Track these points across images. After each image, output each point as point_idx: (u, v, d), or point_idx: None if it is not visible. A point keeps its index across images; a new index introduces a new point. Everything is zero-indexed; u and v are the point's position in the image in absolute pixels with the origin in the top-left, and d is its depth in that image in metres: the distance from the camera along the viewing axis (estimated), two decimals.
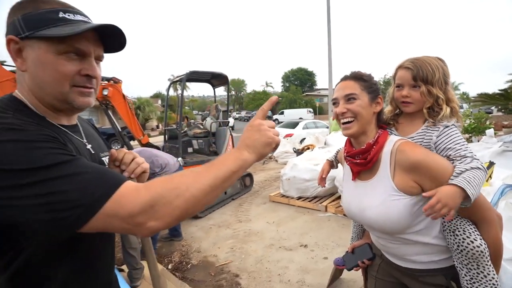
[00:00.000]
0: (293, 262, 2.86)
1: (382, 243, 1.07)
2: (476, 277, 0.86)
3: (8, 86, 2.87)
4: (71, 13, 0.62)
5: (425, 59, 0.98)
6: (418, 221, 0.93)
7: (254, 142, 0.65)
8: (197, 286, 2.58)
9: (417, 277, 1.00)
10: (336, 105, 1.02)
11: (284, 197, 4.69)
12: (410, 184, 0.91)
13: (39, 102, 0.64)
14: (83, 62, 0.63)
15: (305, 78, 55.68)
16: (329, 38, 9.68)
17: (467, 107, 16.59)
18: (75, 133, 0.71)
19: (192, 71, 4.45)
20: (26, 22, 0.59)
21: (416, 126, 1.01)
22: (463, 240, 0.87)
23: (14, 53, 0.61)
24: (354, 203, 1.06)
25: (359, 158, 1.01)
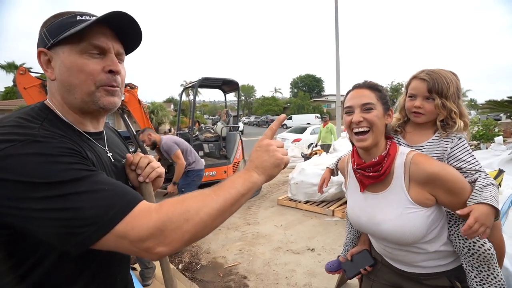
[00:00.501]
0: (300, 266, 2.89)
1: (389, 251, 1.06)
2: (486, 278, 0.89)
3: (34, 92, 3.07)
4: (86, 15, 0.65)
5: (441, 72, 0.98)
6: (430, 231, 0.94)
7: (263, 163, 0.65)
8: (206, 287, 2.63)
9: (421, 280, 1.02)
10: (350, 114, 0.98)
11: (292, 201, 4.74)
12: (425, 196, 0.91)
13: (68, 109, 0.66)
14: (105, 59, 0.65)
15: (313, 84, 55.62)
16: (337, 45, 9.72)
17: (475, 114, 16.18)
18: (99, 141, 0.73)
19: (204, 78, 4.59)
20: (49, 31, 0.63)
21: (426, 136, 1.02)
22: (473, 244, 0.90)
23: (44, 64, 0.65)
24: (365, 216, 1.04)
25: (370, 171, 0.98)
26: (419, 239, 0.93)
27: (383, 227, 0.97)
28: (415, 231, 0.92)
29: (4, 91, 25.35)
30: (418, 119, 1.02)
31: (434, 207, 0.93)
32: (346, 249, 1.35)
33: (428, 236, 0.94)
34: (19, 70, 3.18)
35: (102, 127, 0.77)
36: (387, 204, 0.97)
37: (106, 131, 0.81)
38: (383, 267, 1.14)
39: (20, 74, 3.12)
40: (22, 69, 3.18)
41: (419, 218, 0.91)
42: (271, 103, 47.07)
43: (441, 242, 0.96)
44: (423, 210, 0.92)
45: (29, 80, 3.13)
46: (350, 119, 0.97)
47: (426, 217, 0.91)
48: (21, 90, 3.11)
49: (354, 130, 0.97)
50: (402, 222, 0.93)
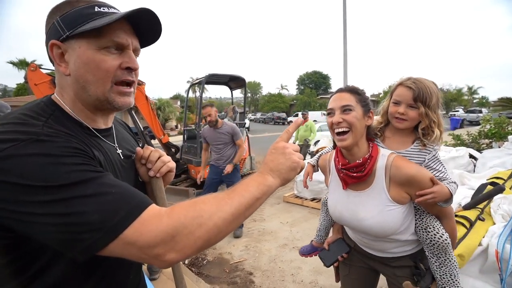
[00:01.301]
0: (306, 263, 2.89)
1: (366, 242, 1.21)
2: (443, 262, 1.06)
3: (45, 88, 3.12)
4: (105, 7, 0.61)
5: (425, 82, 1.05)
6: (403, 223, 1.08)
7: (278, 166, 0.62)
8: (212, 282, 2.65)
9: (389, 263, 1.18)
10: (331, 115, 1.07)
11: (298, 198, 4.73)
12: (403, 195, 1.05)
13: (81, 106, 0.64)
14: (123, 55, 0.63)
15: (319, 81, 55.15)
16: (345, 42, 9.59)
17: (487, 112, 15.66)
18: (108, 137, 0.71)
19: (211, 74, 4.59)
20: (65, 21, 0.58)
21: (405, 145, 1.11)
22: (434, 235, 1.05)
23: (58, 58, 0.60)
24: (347, 212, 1.15)
25: (354, 171, 1.08)
26: (396, 231, 1.07)
27: (366, 223, 1.09)
28: (393, 226, 1.06)
29: (16, 88, 25.92)
30: (400, 125, 1.09)
31: (408, 205, 1.08)
32: (319, 235, 1.47)
33: (401, 227, 1.08)
34: (30, 67, 3.24)
35: (112, 123, 0.75)
36: (369, 202, 1.08)
37: (116, 125, 0.79)
38: (356, 252, 1.29)
39: (31, 71, 3.18)
40: (33, 65, 3.24)
41: (396, 214, 1.05)
42: (278, 100, 46.91)
43: (410, 232, 1.11)
44: (399, 207, 1.05)
45: (40, 77, 3.18)
46: (331, 120, 1.06)
47: (401, 213, 1.06)
48: (32, 86, 3.17)
49: (335, 131, 1.05)
50: (382, 218, 1.06)
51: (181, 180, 4.86)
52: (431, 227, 1.07)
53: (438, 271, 1.06)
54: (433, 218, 1.09)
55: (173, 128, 24.14)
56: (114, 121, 0.78)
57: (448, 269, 1.05)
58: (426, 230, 1.07)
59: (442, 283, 1.06)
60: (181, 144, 5.18)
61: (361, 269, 1.29)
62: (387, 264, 1.19)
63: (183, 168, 4.82)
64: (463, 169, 3.71)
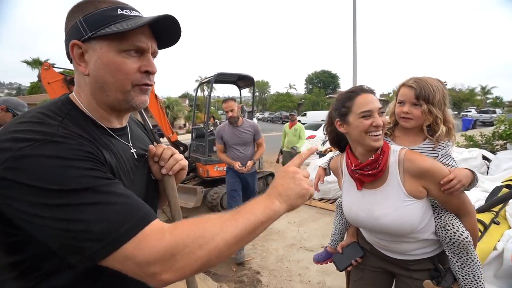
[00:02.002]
0: (313, 264, 2.87)
1: (384, 244, 1.16)
2: (465, 262, 1.01)
3: (57, 86, 3.19)
4: (127, 9, 0.62)
5: (427, 80, 1.07)
6: (422, 220, 1.04)
7: (287, 191, 0.60)
8: (220, 280, 2.67)
9: (408, 266, 1.13)
10: (368, 118, 1.01)
11: None
12: (419, 189, 1.02)
13: (96, 105, 0.64)
14: (142, 59, 0.63)
15: (328, 81, 54.64)
16: (354, 41, 9.48)
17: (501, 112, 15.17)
18: (122, 136, 0.71)
19: (219, 73, 4.60)
20: (88, 22, 0.58)
21: (416, 142, 1.11)
22: (454, 234, 1.01)
23: (77, 57, 0.61)
24: (363, 212, 1.12)
25: (368, 169, 1.06)
26: (414, 228, 1.04)
27: (383, 220, 1.06)
28: (411, 222, 1.02)
29: (29, 86, 26.61)
30: (407, 123, 1.10)
31: (426, 199, 1.05)
32: (334, 240, 1.43)
33: (421, 225, 1.04)
34: (43, 66, 3.31)
35: (126, 122, 0.75)
36: (385, 198, 1.06)
37: (131, 124, 0.79)
38: (372, 256, 1.24)
39: (44, 70, 3.25)
40: (46, 64, 3.31)
41: (414, 210, 1.02)
42: (286, 99, 46.74)
43: (431, 231, 1.07)
44: (417, 202, 1.02)
45: (53, 75, 3.25)
46: (370, 123, 1.00)
47: (419, 208, 1.03)
48: (45, 85, 3.24)
49: (373, 133, 1.01)
50: (399, 215, 1.03)
51: (189, 178, 4.90)
52: (450, 225, 1.02)
53: (460, 271, 1.02)
54: (452, 216, 1.05)
55: (181, 126, 24.34)
56: (130, 120, 0.79)
57: (471, 269, 1.00)
58: (445, 228, 1.03)
59: (465, 284, 1.01)
60: (190, 142, 5.22)
61: (375, 273, 1.24)
62: (406, 268, 1.14)
63: (191, 166, 4.86)
64: (476, 170, 3.61)
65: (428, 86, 1.05)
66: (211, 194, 4.25)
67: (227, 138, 3.16)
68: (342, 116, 1.07)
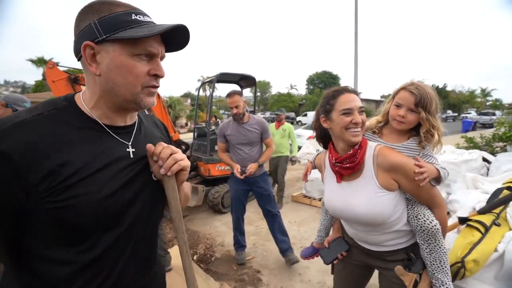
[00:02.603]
0: (314, 263, 2.88)
1: (361, 235, 1.25)
2: (433, 248, 1.09)
3: (61, 85, 3.22)
4: (141, 14, 0.64)
5: (426, 88, 1.12)
6: (395, 212, 1.13)
7: None
8: (220, 279, 2.68)
9: (384, 257, 1.22)
10: (348, 115, 1.11)
11: (306, 197, 4.72)
12: (390, 182, 1.10)
13: (102, 103, 0.66)
14: (152, 63, 0.66)
15: (329, 81, 54.50)
16: (356, 42, 9.48)
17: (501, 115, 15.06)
18: (122, 135, 0.71)
19: (222, 73, 4.61)
20: (102, 25, 0.60)
21: (401, 140, 1.19)
22: (424, 222, 1.09)
23: (89, 58, 0.62)
24: (341, 203, 1.21)
25: (347, 162, 1.15)
26: (386, 219, 1.12)
27: (357, 210, 1.15)
28: (383, 211, 1.11)
29: (34, 85, 26.73)
30: (399, 126, 1.17)
31: (397, 192, 1.12)
32: (320, 235, 1.51)
33: (393, 216, 1.12)
34: (48, 64, 3.33)
35: (133, 121, 0.76)
36: (360, 190, 1.14)
37: (146, 124, 0.81)
38: (354, 249, 1.33)
39: (49, 68, 3.27)
40: (51, 63, 3.33)
41: (386, 201, 1.10)
42: (287, 99, 46.71)
43: (403, 222, 1.15)
44: (388, 194, 1.10)
45: (57, 74, 3.27)
46: (350, 120, 1.11)
47: (391, 199, 1.11)
48: (49, 83, 3.26)
49: (352, 130, 1.11)
50: (372, 205, 1.11)
51: (191, 177, 4.91)
52: (422, 214, 1.11)
53: (428, 257, 1.10)
54: (424, 207, 1.14)
55: (183, 125, 24.38)
56: (146, 120, 0.82)
57: (438, 255, 1.08)
58: (417, 218, 1.12)
59: (432, 269, 1.09)
60: (191, 141, 5.24)
61: (356, 266, 1.35)
62: (384, 259, 1.23)
63: (193, 165, 4.88)
64: (476, 172, 3.62)
65: (427, 95, 1.10)
66: (212, 193, 4.27)
67: (230, 137, 2.76)
68: (326, 113, 1.17)
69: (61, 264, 0.61)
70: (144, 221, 0.74)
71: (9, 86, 72.08)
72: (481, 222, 1.61)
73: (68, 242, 0.62)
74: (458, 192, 2.67)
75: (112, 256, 0.67)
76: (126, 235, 0.69)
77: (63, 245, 0.62)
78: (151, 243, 0.80)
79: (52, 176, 0.57)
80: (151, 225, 0.78)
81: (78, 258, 0.62)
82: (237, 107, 2.62)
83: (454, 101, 45.07)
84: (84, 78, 0.70)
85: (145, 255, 0.77)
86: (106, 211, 0.64)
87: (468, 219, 1.67)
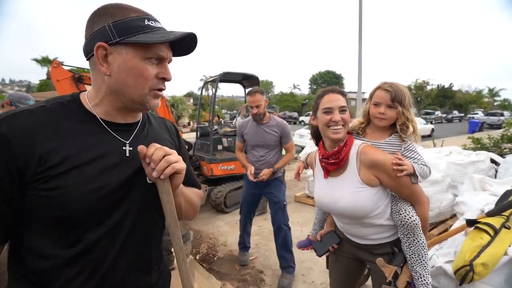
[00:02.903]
0: (317, 264, 2.86)
1: (347, 228, 1.34)
2: (412, 242, 1.16)
3: (66, 84, 3.23)
4: (153, 20, 0.67)
5: (399, 85, 1.22)
6: (377, 207, 1.20)
7: None
8: (223, 279, 2.67)
9: (372, 250, 1.29)
10: (329, 113, 1.20)
11: (309, 198, 4.69)
12: (371, 178, 1.17)
13: (107, 101, 0.68)
14: (160, 66, 0.69)
15: (332, 81, 54.44)
16: (360, 41, 9.40)
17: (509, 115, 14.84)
18: (120, 132, 0.71)
19: (225, 72, 4.60)
20: (117, 28, 0.63)
21: (383, 137, 1.26)
22: (404, 217, 1.16)
23: (101, 58, 0.64)
24: (327, 197, 1.29)
25: (333, 158, 1.22)
26: (367, 213, 1.19)
27: (340, 203, 1.23)
28: (364, 206, 1.18)
29: (39, 84, 27.11)
30: (381, 123, 1.24)
31: (379, 188, 1.19)
32: (315, 229, 1.60)
33: (375, 211, 1.19)
34: (53, 64, 3.34)
35: (136, 120, 0.76)
36: (344, 185, 1.22)
37: (154, 125, 0.83)
38: (345, 242, 1.41)
39: (54, 67, 3.28)
40: (56, 62, 3.35)
41: (367, 195, 1.17)
42: (289, 99, 46.62)
43: (386, 217, 1.22)
44: (369, 189, 1.17)
45: (62, 73, 3.29)
46: (330, 118, 1.19)
47: (372, 194, 1.18)
48: (54, 82, 3.27)
49: (332, 127, 1.19)
50: (354, 199, 1.18)
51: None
52: (403, 209, 1.18)
53: (408, 251, 1.17)
54: (407, 203, 1.20)
55: (185, 125, 24.44)
56: (155, 121, 0.84)
57: (417, 249, 1.15)
58: (399, 213, 1.18)
59: (411, 263, 1.17)
60: (194, 141, 5.23)
61: (347, 259, 1.41)
62: (371, 252, 1.30)
63: (195, 165, 4.87)
64: (484, 174, 3.56)
65: (401, 91, 1.19)
66: (215, 193, 4.26)
67: (247, 137, 2.63)
68: (314, 111, 1.28)
69: (43, 257, 0.62)
70: (133, 223, 0.71)
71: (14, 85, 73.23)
72: (490, 225, 1.57)
73: (51, 235, 0.63)
74: (465, 194, 2.61)
75: (96, 254, 0.66)
76: (111, 234, 0.67)
77: (47, 238, 0.62)
78: (145, 248, 0.76)
79: (39, 161, 0.59)
80: (142, 228, 0.74)
81: (60, 253, 0.63)
82: (258, 107, 2.47)
83: (461, 101, 44.59)
84: (88, 78, 0.73)
85: (139, 257, 0.74)
86: (92, 205, 0.63)
87: (477, 221, 1.64)
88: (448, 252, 1.82)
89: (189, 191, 0.86)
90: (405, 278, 1.17)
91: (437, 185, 3.29)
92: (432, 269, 1.78)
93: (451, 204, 3.32)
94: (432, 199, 3.23)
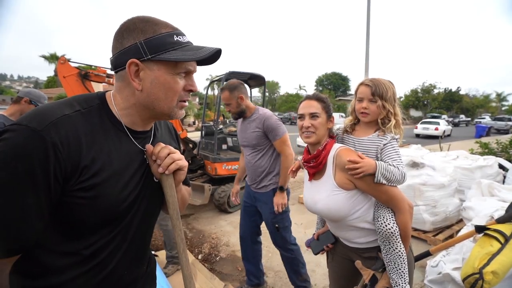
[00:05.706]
0: (320, 266, 2.83)
1: (334, 230, 1.38)
2: (388, 250, 1.15)
3: (72, 80, 3.26)
4: (181, 35, 0.69)
5: (380, 80, 1.24)
6: (355, 211, 1.20)
7: None
8: (225, 279, 2.66)
9: (359, 253, 1.30)
10: (301, 119, 1.27)
11: None
12: (345, 181, 1.17)
13: (134, 111, 0.71)
14: (187, 79, 0.72)
15: (338, 83, 54.18)
16: (367, 44, 9.33)
17: None
18: (139, 139, 0.75)
19: (231, 72, 4.59)
20: (149, 46, 0.64)
21: (367, 134, 1.27)
22: (381, 224, 1.15)
23: (133, 74, 0.66)
24: (310, 199, 1.31)
25: (312, 162, 1.26)
26: (344, 216, 1.20)
27: (318, 205, 1.25)
28: (338, 210, 1.19)
29: (46, 80, 27.52)
30: (365, 118, 1.25)
31: (355, 192, 1.18)
32: (318, 228, 1.62)
33: (353, 215, 1.20)
34: (60, 60, 3.38)
35: (150, 126, 0.80)
36: (322, 188, 1.24)
37: (161, 130, 0.87)
38: (338, 242, 1.42)
39: (60, 64, 3.32)
40: (62, 59, 3.38)
41: (341, 199, 1.18)
42: (295, 100, 46.48)
43: (367, 220, 1.21)
44: (344, 192, 1.18)
45: (68, 69, 3.32)
46: (301, 124, 1.26)
47: (347, 198, 1.18)
48: (60, 79, 3.31)
49: (304, 132, 1.26)
50: (329, 202, 1.20)
51: (198, 175, 4.92)
52: (381, 217, 1.16)
53: (385, 258, 1.17)
54: (388, 210, 1.18)
55: (190, 124, 24.54)
56: (160, 126, 0.87)
57: (392, 257, 1.14)
58: (378, 220, 1.17)
59: (389, 270, 1.16)
60: (199, 140, 5.23)
61: (341, 259, 1.43)
62: (360, 255, 1.30)
63: (200, 164, 4.87)
64: (492, 179, 3.49)
65: (381, 85, 1.21)
66: (219, 192, 4.25)
67: (238, 136, 2.32)
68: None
69: (63, 255, 0.66)
70: (141, 220, 0.78)
71: (22, 81, 74.28)
72: (501, 232, 1.53)
73: (74, 235, 0.66)
74: (473, 199, 2.56)
75: (109, 250, 0.71)
76: (122, 235, 0.73)
77: (70, 238, 0.66)
78: (145, 241, 0.86)
79: (82, 170, 0.62)
80: (146, 224, 0.82)
81: (80, 251, 0.67)
82: (228, 105, 2.10)
83: (468, 105, 43.98)
84: (94, 75, 0.72)
85: (139, 251, 0.82)
86: (120, 211, 0.69)
87: (486, 227, 1.60)
88: (456, 258, 1.79)
89: (183, 188, 0.92)
90: (384, 283, 1.18)
91: (443, 189, 3.24)
92: (439, 276, 1.74)
93: (457, 209, 3.27)
94: (438, 204, 3.18)
